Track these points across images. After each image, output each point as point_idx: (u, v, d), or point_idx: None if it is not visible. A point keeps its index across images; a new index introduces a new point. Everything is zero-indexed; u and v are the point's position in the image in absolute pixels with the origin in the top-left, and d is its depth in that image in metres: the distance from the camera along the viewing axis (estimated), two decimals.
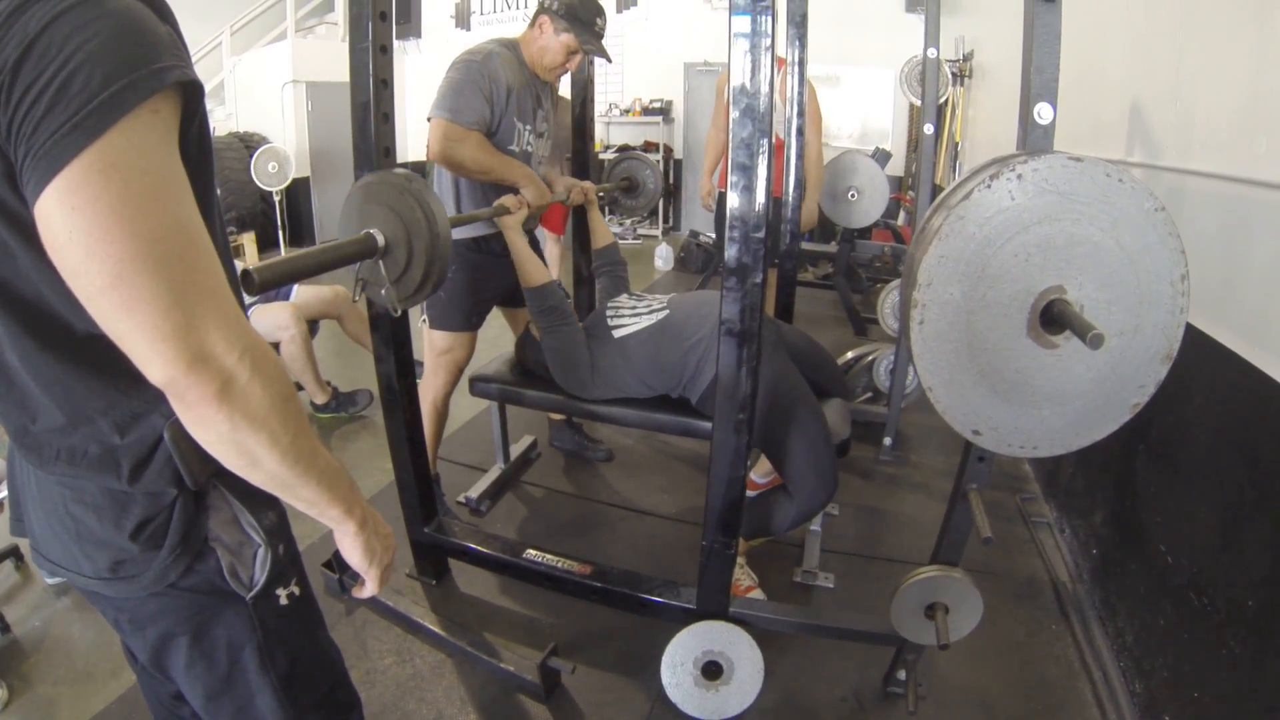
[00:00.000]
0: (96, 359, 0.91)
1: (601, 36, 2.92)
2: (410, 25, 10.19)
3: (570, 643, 2.38)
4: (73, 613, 2.54)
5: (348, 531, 1.09)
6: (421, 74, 10.40)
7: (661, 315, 2.66)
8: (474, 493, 3.19)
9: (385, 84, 2.07)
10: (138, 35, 0.81)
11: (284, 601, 1.13)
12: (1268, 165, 1.78)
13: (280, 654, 1.15)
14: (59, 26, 0.76)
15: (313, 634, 1.24)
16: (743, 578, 2.57)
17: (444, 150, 2.65)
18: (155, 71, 0.80)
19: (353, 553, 1.12)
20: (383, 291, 1.85)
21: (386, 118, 2.09)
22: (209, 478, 1.01)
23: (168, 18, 0.88)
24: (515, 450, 3.55)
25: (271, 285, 1.50)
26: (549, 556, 2.39)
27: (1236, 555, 1.79)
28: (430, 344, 2.97)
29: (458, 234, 2.64)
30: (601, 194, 3.46)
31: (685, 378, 2.57)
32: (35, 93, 0.74)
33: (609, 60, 3.12)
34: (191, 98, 0.87)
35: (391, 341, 2.26)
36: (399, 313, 1.95)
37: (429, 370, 3.01)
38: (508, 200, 2.62)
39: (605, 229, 3.31)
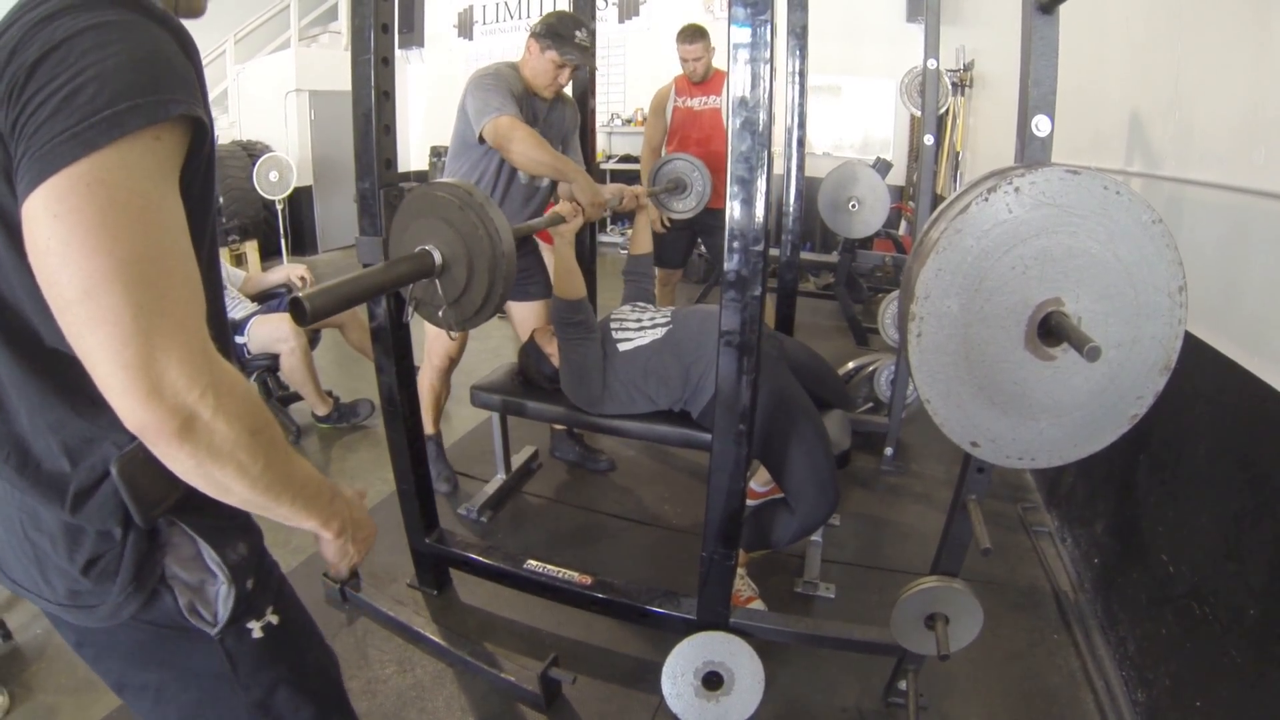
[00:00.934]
0: (58, 374, 0.90)
1: (586, 47, 3.02)
2: (413, 35, 10.22)
3: (571, 653, 2.38)
4: None
5: (325, 538, 1.09)
6: (424, 83, 10.44)
7: (664, 330, 2.67)
8: (475, 503, 3.19)
9: (387, 95, 2.08)
10: (155, 63, 0.82)
11: (258, 634, 1.09)
12: (1266, 175, 1.79)
13: (256, 685, 1.11)
14: (82, 39, 0.78)
15: (296, 661, 1.19)
16: (743, 589, 2.57)
17: (501, 143, 2.74)
18: (163, 101, 0.81)
19: (327, 551, 1.13)
20: (440, 313, 1.70)
21: (388, 129, 2.10)
22: (163, 515, 0.97)
23: (192, 54, 0.90)
24: (516, 461, 3.55)
25: (325, 314, 1.36)
26: (550, 567, 2.39)
27: (1238, 564, 1.79)
28: (426, 331, 3.05)
29: None
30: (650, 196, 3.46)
31: (687, 393, 2.59)
32: (44, 96, 0.76)
33: (592, 68, 3.26)
34: (199, 136, 0.88)
35: (393, 352, 2.27)
36: (455, 336, 1.76)
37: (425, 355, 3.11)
38: (564, 208, 2.61)
39: (648, 237, 3.32)
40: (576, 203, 2.67)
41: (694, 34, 4.46)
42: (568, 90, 3.31)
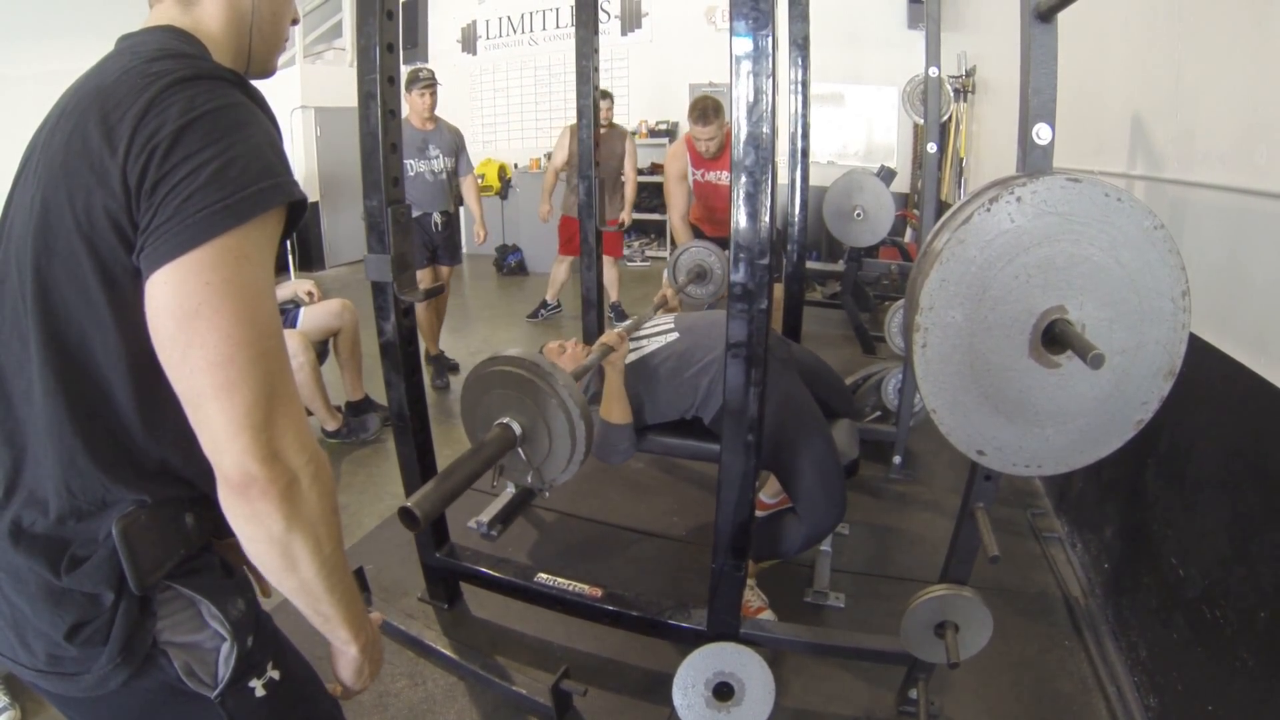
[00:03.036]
0: (108, 434, 0.92)
1: (426, 79, 4.84)
2: (417, 50, 10.27)
3: (582, 665, 2.38)
4: None
5: (349, 654, 1.08)
6: None
7: (670, 338, 2.67)
8: (485, 517, 3.20)
9: (393, 114, 2.11)
10: (277, 147, 0.92)
11: (260, 692, 1.06)
12: (1268, 176, 1.79)
13: None
14: (223, 115, 0.86)
15: (300, 715, 1.16)
16: (753, 599, 2.57)
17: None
18: (289, 182, 0.90)
19: (345, 671, 1.11)
20: (529, 478, 1.70)
21: (394, 147, 2.12)
22: (159, 580, 0.96)
23: (278, 129, 0.97)
24: None
25: (435, 516, 1.44)
26: (560, 580, 2.39)
27: (1248, 567, 1.78)
28: None
29: None
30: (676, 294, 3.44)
31: (697, 400, 2.57)
32: (195, 164, 0.83)
33: (435, 83, 4.91)
34: (296, 215, 0.94)
35: (402, 368, 2.28)
36: (549, 494, 1.73)
37: None
38: (611, 338, 2.43)
39: (622, 402, 2.65)
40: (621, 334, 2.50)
41: (707, 112, 4.25)
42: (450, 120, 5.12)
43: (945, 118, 5.77)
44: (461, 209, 5.46)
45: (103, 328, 0.88)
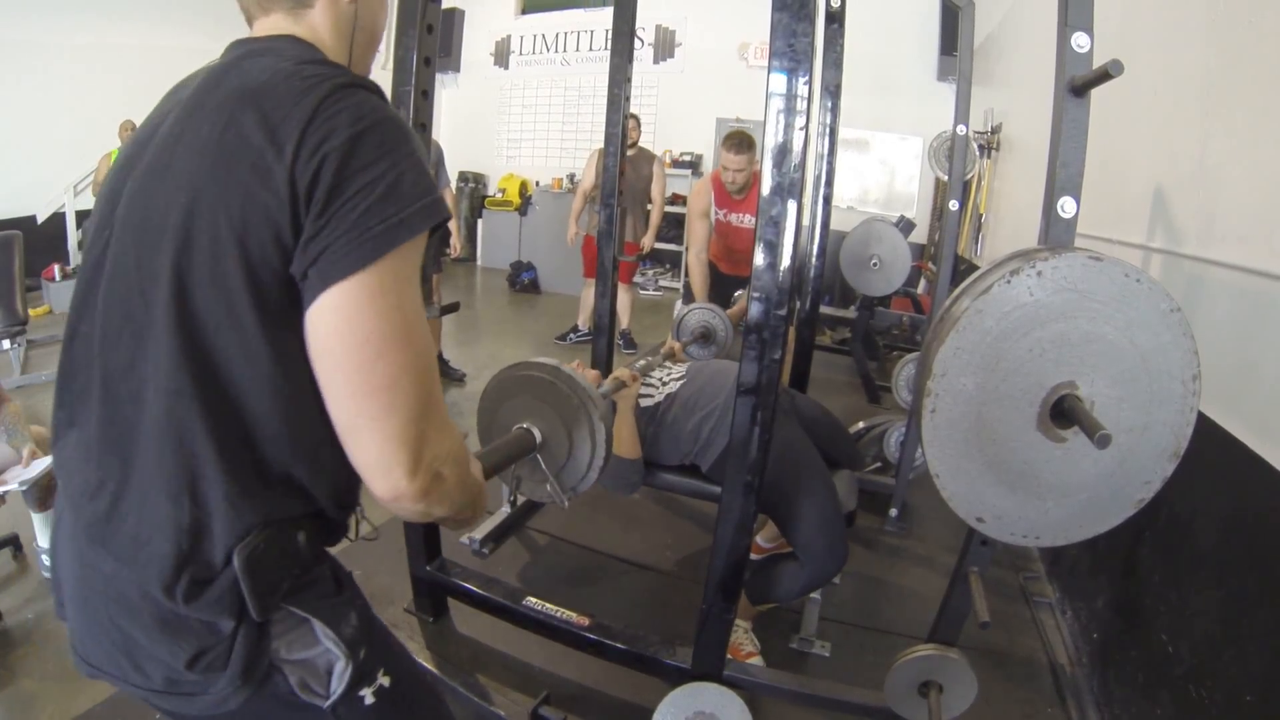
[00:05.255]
0: (240, 442, 0.90)
1: None
2: (450, 59, 10.36)
3: (563, 692, 2.37)
4: None
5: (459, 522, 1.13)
6: (454, 108, 10.56)
7: (678, 385, 2.68)
8: (478, 534, 3.19)
9: (424, 128, 2.13)
10: (426, 162, 0.94)
11: (370, 700, 1.06)
12: None
13: None
14: (391, 126, 0.88)
15: (411, 715, 1.18)
16: (745, 643, 2.57)
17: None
18: (441, 199, 0.91)
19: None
20: (547, 488, 1.70)
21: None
22: (277, 603, 0.96)
23: None
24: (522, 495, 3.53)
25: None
26: (549, 606, 2.39)
27: (1237, 648, 1.78)
28: None
29: None
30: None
31: (696, 447, 2.58)
32: (371, 176, 0.84)
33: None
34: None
35: None
36: (567, 505, 1.79)
37: None
38: (624, 373, 2.54)
39: (632, 436, 2.75)
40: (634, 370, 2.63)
41: (742, 144, 4.21)
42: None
43: (970, 175, 5.79)
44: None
45: (244, 331, 0.86)
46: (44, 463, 2.57)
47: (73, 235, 7.56)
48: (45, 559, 2.70)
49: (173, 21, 7.57)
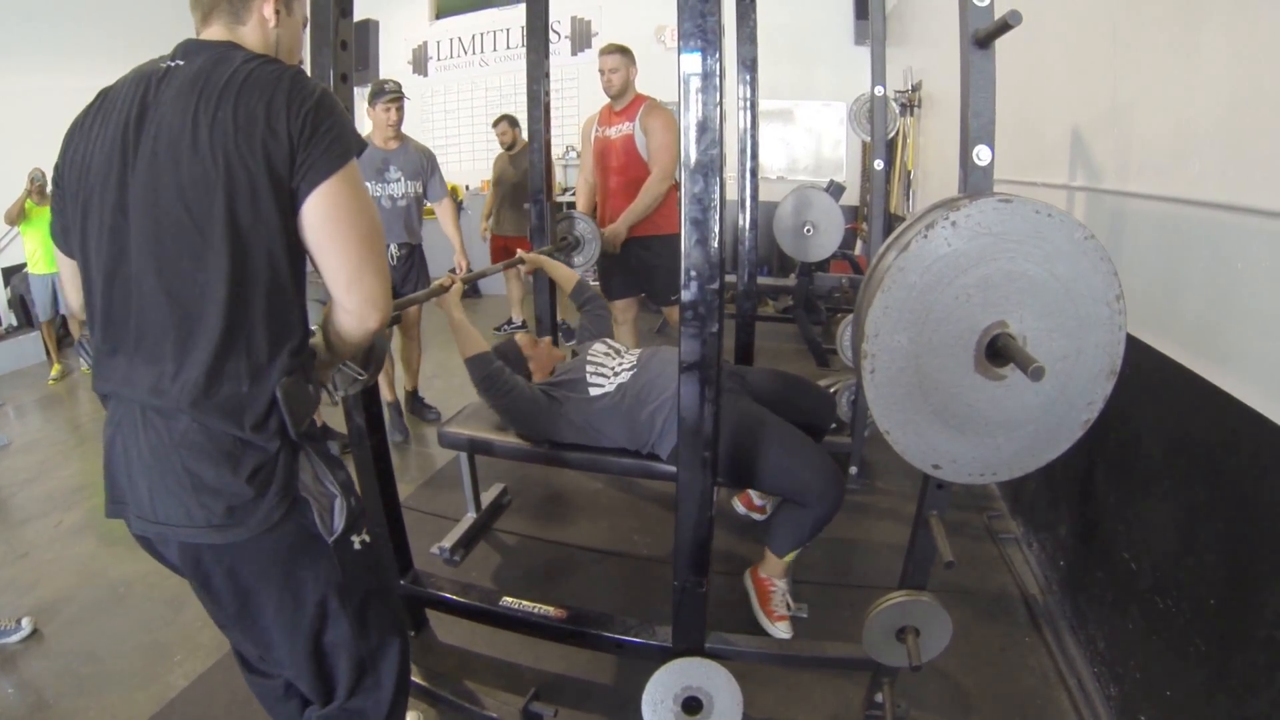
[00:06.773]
0: (280, 301, 1.33)
1: (393, 91, 4.37)
2: (368, 71, 10.22)
3: (551, 686, 2.39)
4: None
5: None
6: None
7: (630, 375, 2.71)
8: (447, 542, 3.19)
9: (347, 109, 2.10)
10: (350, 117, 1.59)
11: (357, 547, 1.49)
12: (1201, 186, 1.87)
13: (355, 590, 1.50)
14: (330, 94, 1.36)
15: (379, 574, 1.60)
16: (779, 605, 2.64)
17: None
18: (359, 136, 1.41)
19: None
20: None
21: None
22: (301, 435, 1.38)
23: None
24: (486, 498, 3.54)
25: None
26: (525, 603, 2.39)
27: (1196, 557, 1.85)
28: None
29: None
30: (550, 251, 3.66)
31: (653, 438, 2.63)
32: (326, 127, 1.31)
33: (401, 96, 4.42)
34: None
35: (361, 400, 2.27)
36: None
37: None
38: (445, 279, 2.77)
39: (566, 273, 3.45)
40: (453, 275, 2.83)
41: (614, 48, 4.29)
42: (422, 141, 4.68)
43: (892, 135, 5.86)
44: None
45: (271, 227, 1.29)
46: None
47: None
48: None
49: (66, 67, 7.24)
